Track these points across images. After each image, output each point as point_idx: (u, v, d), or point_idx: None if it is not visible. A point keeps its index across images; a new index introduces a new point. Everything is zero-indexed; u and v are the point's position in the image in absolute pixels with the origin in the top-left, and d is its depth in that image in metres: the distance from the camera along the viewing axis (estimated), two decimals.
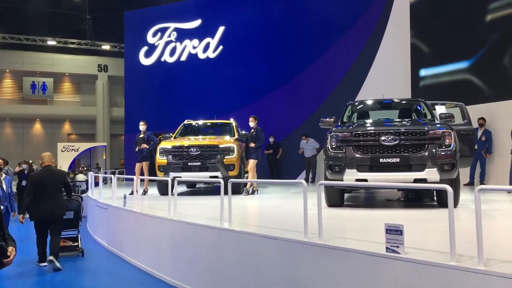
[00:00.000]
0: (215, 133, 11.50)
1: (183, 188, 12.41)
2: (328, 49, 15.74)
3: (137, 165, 10.49)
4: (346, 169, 6.52)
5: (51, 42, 28.84)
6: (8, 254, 3.12)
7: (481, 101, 11.45)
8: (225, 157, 9.69)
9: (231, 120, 11.82)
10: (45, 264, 7.50)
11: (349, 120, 8.12)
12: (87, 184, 15.83)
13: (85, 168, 23.72)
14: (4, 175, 8.50)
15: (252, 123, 10.19)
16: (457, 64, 12.30)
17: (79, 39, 29.21)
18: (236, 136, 10.84)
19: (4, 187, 8.30)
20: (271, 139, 15.60)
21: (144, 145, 10.50)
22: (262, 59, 17.00)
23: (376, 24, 14.89)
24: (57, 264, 7.25)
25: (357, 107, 8.64)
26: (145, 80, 19.39)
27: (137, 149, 10.55)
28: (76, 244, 8.54)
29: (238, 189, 9.81)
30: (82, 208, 8.96)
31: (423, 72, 13.39)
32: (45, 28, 27.95)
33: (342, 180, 6.54)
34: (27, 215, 7.53)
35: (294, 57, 16.32)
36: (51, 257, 7.30)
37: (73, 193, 8.39)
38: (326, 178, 6.85)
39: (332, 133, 6.83)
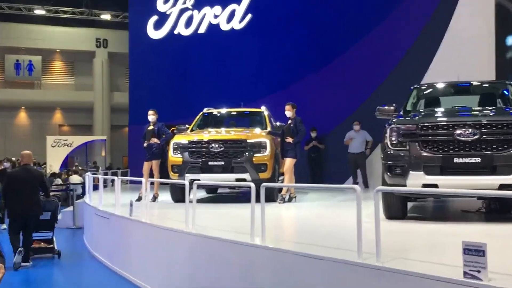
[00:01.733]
0: (242, 124, 11.48)
1: (202, 194, 12.43)
2: (384, 19, 15.35)
3: (146, 165, 10.49)
4: (410, 171, 6.49)
5: (39, 11, 29.49)
6: None
7: None
8: (255, 155, 9.69)
9: (263, 109, 11.66)
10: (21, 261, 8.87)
11: (414, 108, 8.12)
12: (83, 187, 16.07)
13: (80, 168, 24.21)
14: None
15: (289, 112, 10.05)
16: None
17: (72, 7, 29.76)
18: (269, 128, 10.72)
19: None
20: (313, 134, 15.44)
21: (154, 140, 10.50)
22: (301, 32, 16.78)
23: None
24: (20, 258, 8.79)
25: (425, 92, 8.64)
26: (155, 58, 19.54)
27: (145, 145, 10.55)
28: (51, 246, 9.98)
29: (271, 196, 9.72)
30: (59, 209, 10.86)
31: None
32: None
33: (405, 185, 6.50)
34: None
35: (341, 30, 15.99)
36: (20, 248, 8.89)
37: (52, 194, 10.45)
38: (384, 183, 6.83)
39: (393, 125, 6.82)
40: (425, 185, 6.40)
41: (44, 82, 32.73)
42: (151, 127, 10.68)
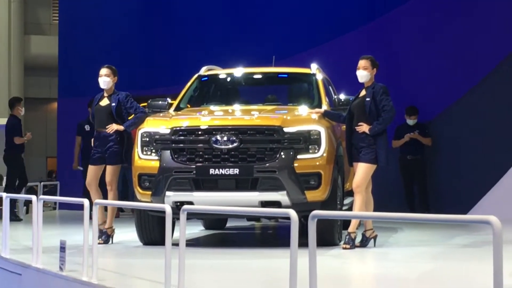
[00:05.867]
0: (275, 97, 9.41)
1: (197, 230, 10.25)
2: None
3: (92, 171, 8.20)
4: None
5: None
6: None
7: None
8: (298, 156, 7.56)
9: (313, 69, 9.19)
10: None
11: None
12: None
13: None
14: None
15: (364, 73, 7.61)
16: None
17: None
18: (325, 105, 8.45)
19: None
20: (411, 120, 11.95)
21: (113, 127, 7.96)
22: None
23: None
24: None
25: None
26: None
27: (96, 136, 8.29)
28: None
29: (330, 235, 7.67)
30: None
31: None
32: None
33: None
34: None
35: None
36: None
37: None
38: None
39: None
40: None
41: None
42: (105, 101, 8.08)
